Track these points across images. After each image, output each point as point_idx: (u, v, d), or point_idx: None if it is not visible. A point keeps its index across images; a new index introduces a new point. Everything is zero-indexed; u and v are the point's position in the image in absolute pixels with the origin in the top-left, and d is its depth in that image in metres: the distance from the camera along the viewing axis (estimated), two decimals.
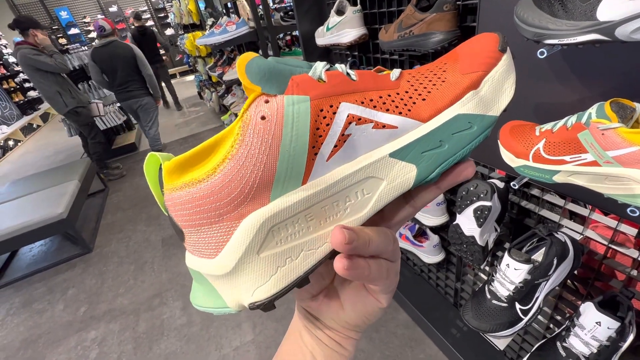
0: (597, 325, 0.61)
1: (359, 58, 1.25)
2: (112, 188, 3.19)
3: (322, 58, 1.44)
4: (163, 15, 8.53)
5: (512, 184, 0.67)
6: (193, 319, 1.63)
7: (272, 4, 3.00)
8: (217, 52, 3.36)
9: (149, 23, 8.37)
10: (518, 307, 0.71)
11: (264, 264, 0.19)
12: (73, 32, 7.90)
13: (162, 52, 5.99)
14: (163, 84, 5.25)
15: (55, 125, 6.39)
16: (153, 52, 4.80)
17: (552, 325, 0.89)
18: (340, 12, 1.09)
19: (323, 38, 1.22)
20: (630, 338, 0.61)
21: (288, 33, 3.11)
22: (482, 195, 0.76)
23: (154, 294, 1.84)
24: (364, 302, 0.25)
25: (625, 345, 0.61)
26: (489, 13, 0.66)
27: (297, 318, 0.29)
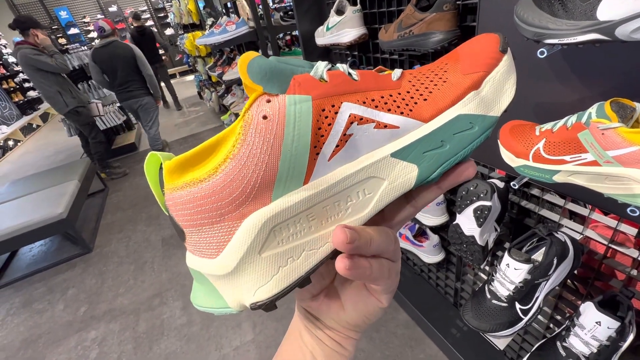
0: (597, 325, 0.61)
1: (359, 58, 1.25)
2: (112, 188, 3.19)
3: (322, 58, 1.44)
4: (163, 15, 8.53)
5: (512, 184, 0.67)
6: (193, 319, 1.64)
7: (271, 4, 3.00)
8: (216, 52, 3.36)
9: (149, 23, 8.37)
10: (518, 306, 0.71)
11: (266, 264, 0.19)
12: (73, 32, 7.90)
13: (161, 52, 5.99)
14: (162, 84, 5.25)
15: (55, 125, 6.39)
16: (152, 52, 4.81)
17: (552, 325, 0.89)
18: (340, 11, 1.09)
19: (323, 38, 1.22)
20: (630, 338, 0.61)
21: (288, 33, 3.12)
22: (482, 195, 0.76)
23: (154, 294, 1.84)
24: (365, 302, 0.25)
25: (625, 345, 0.62)
26: (489, 13, 0.66)
27: (297, 318, 0.29)
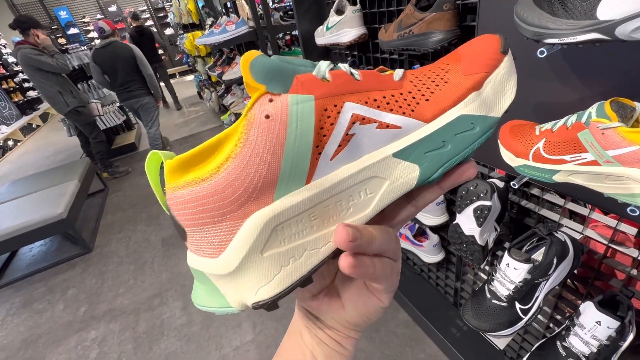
0: (597, 325, 0.61)
1: (359, 57, 1.25)
2: (111, 188, 3.19)
3: (321, 58, 1.44)
4: (162, 15, 8.53)
5: (512, 184, 0.67)
6: (193, 319, 1.64)
7: (271, 4, 3.00)
8: (216, 51, 3.35)
9: (149, 23, 8.37)
10: (518, 306, 0.71)
11: (268, 264, 0.19)
12: (72, 32, 7.90)
13: (161, 52, 5.98)
14: (162, 84, 5.25)
15: (55, 125, 6.38)
16: (152, 52, 4.81)
17: (552, 325, 0.89)
18: (340, 11, 1.09)
19: (323, 37, 1.22)
20: (630, 337, 0.61)
21: (287, 33, 3.11)
22: (482, 195, 0.76)
23: (154, 294, 1.84)
24: (366, 301, 0.25)
25: (625, 345, 0.62)
26: (489, 12, 0.66)
27: (297, 317, 0.29)
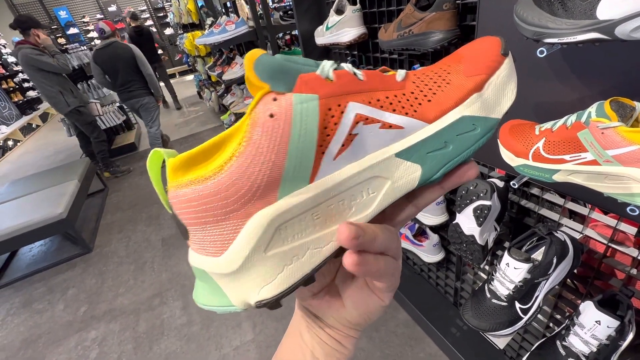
0: (596, 324, 0.61)
1: (359, 57, 1.25)
2: (111, 188, 3.19)
3: (321, 57, 1.43)
4: (162, 15, 8.52)
5: (511, 183, 0.67)
6: (193, 319, 1.64)
7: (271, 3, 2.99)
8: (216, 51, 3.35)
9: (148, 23, 8.36)
10: (518, 306, 0.71)
11: (271, 263, 0.19)
12: (72, 31, 7.89)
13: (160, 52, 5.98)
14: (162, 84, 5.24)
15: (55, 125, 6.38)
16: (151, 52, 4.79)
17: (551, 324, 0.89)
18: (340, 11, 1.09)
19: (322, 37, 1.22)
20: (630, 337, 0.61)
21: (287, 32, 3.11)
22: (481, 195, 0.76)
23: (154, 294, 1.84)
24: (366, 300, 0.25)
25: (625, 344, 0.62)
26: (489, 12, 0.66)
27: (297, 317, 0.29)
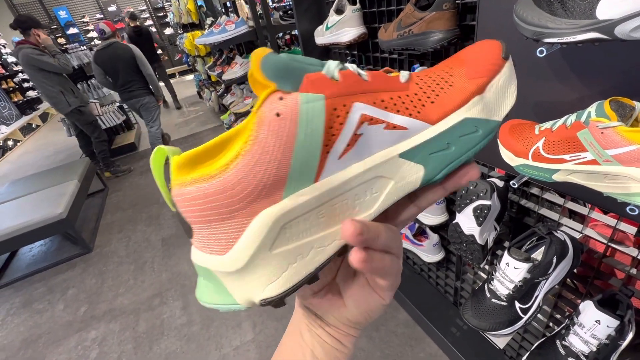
0: (596, 324, 0.61)
1: (359, 57, 1.25)
2: (111, 188, 3.19)
3: (321, 57, 1.43)
4: (162, 15, 8.52)
5: (511, 183, 0.67)
6: (193, 319, 1.64)
7: (271, 3, 2.99)
8: (216, 51, 3.35)
9: (148, 22, 8.35)
10: (518, 305, 0.71)
11: (276, 261, 0.19)
12: (72, 31, 7.88)
13: (159, 52, 5.97)
14: (162, 84, 5.24)
15: (55, 125, 6.38)
16: (150, 52, 4.79)
17: (551, 324, 0.89)
18: (340, 11, 1.09)
19: (322, 37, 1.22)
20: (630, 336, 0.62)
21: (287, 32, 3.11)
22: (481, 194, 0.76)
23: (154, 294, 1.84)
24: (367, 298, 0.25)
25: (625, 344, 0.62)
26: (489, 12, 0.66)
27: (297, 315, 0.29)
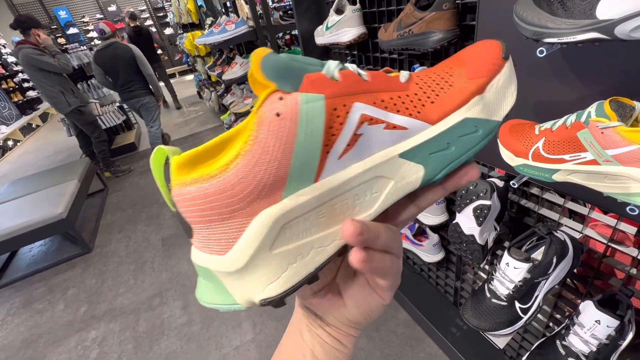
0: (596, 324, 0.61)
1: (359, 57, 1.25)
2: (111, 188, 3.19)
3: (321, 57, 1.43)
4: (162, 15, 8.51)
5: (511, 183, 0.67)
6: (193, 319, 1.64)
7: (271, 3, 2.99)
8: (216, 51, 3.35)
9: (148, 22, 8.35)
10: (518, 305, 0.71)
11: (276, 261, 0.19)
12: (72, 31, 7.88)
13: (159, 52, 5.96)
14: (161, 84, 5.24)
15: (55, 125, 6.38)
16: (150, 52, 4.78)
17: (551, 324, 0.89)
18: (340, 11, 1.09)
19: (322, 37, 1.22)
20: (630, 336, 0.62)
21: (287, 32, 3.11)
22: (481, 194, 0.76)
23: (154, 294, 1.84)
24: (367, 298, 0.25)
25: (625, 344, 0.62)
26: (489, 12, 0.66)
27: (297, 315, 0.29)
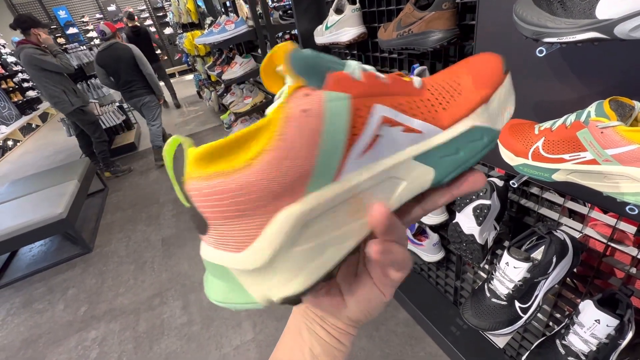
0: (596, 323, 0.61)
1: (358, 57, 1.25)
2: (111, 188, 3.19)
3: None
4: (162, 15, 8.51)
5: (511, 183, 0.67)
6: (193, 318, 1.64)
7: (270, 3, 2.99)
8: (216, 51, 3.35)
9: (148, 22, 8.34)
10: (517, 305, 0.71)
11: (296, 259, 0.19)
12: (71, 31, 7.87)
13: (158, 51, 5.96)
14: (161, 83, 5.23)
15: (55, 125, 6.37)
16: (149, 51, 4.77)
17: (551, 323, 0.89)
18: (339, 10, 1.09)
19: (322, 37, 1.22)
20: (629, 336, 0.62)
21: (287, 32, 3.11)
22: (481, 194, 0.76)
23: (154, 294, 1.84)
24: (369, 296, 0.25)
25: (624, 343, 0.62)
26: (488, 11, 0.66)
27: (296, 314, 0.29)
